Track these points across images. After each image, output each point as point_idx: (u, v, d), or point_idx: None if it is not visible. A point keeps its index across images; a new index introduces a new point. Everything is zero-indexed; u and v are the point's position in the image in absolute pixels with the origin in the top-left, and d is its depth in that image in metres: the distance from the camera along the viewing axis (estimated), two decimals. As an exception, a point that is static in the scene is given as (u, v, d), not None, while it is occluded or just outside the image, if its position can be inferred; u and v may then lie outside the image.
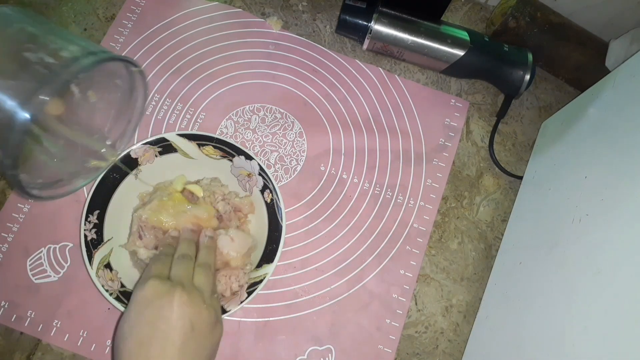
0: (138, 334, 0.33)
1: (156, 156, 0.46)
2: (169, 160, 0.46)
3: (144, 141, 0.45)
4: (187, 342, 0.33)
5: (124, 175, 0.45)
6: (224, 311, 0.41)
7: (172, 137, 0.46)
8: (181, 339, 0.32)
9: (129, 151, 0.44)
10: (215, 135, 0.46)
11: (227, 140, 0.46)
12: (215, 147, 0.46)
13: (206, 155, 0.47)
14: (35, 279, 0.44)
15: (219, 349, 0.44)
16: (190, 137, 0.46)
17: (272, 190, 0.45)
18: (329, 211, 0.49)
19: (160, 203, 0.43)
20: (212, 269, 0.39)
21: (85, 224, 0.42)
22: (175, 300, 0.33)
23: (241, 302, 0.42)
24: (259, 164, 0.46)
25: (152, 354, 0.32)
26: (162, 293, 0.34)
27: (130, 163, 0.45)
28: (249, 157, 0.46)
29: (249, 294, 0.42)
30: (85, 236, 0.42)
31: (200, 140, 0.46)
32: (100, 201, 0.43)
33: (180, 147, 0.46)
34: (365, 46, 0.54)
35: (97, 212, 0.43)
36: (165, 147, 0.46)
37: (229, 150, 0.46)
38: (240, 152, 0.46)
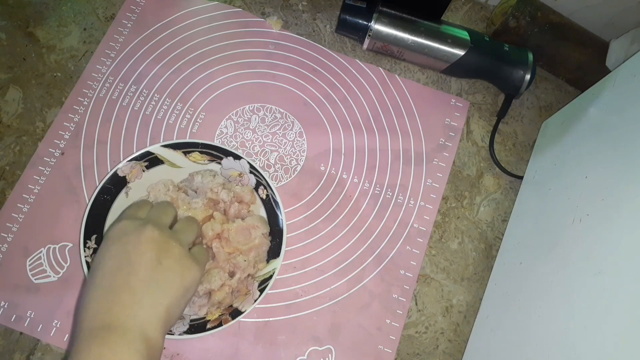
0: (103, 267, 0.33)
1: (143, 171, 0.45)
2: (157, 173, 0.46)
3: (129, 158, 0.44)
4: (152, 274, 0.32)
5: (114, 196, 0.44)
6: (239, 312, 0.41)
7: (156, 149, 0.45)
8: (146, 271, 0.32)
9: (116, 170, 0.44)
10: (200, 141, 0.46)
11: (213, 143, 0.46)
12: (201, 152, 0.46)
13: (194, 162, 0.46)
14: (35, 279, 0.44)
15: (219, 349, 0.44)
16: (175, 147, 0.46)
17: (266, 186, 0.45)
18: (329, 211, 0.49)
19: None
20: (196, 222, 0.40)
21: (85, 251, 0.42)
22: (143, 235, 0.33)
23: (255, 301, 0.42)
24: (248, 162, 0.46)
25: (115, 284, 0.32)
26: (131, 230, 0.34)
27: (118, 182, 0.44)
28: (237, 157, 0.46)
29: (260, 292, 0.42)
30: (87, 262, 0.42)
31: (185, 148, 0.46)
32: (95, 225, 0.43)
33: (167, 158, 0.46)
34: (365, 46, 0.53)
35: (94, 236, 0.43)
36: (151, 160, 0.45)
37: (216, 153, 0.46)
38: (228, 153, 0.46)
